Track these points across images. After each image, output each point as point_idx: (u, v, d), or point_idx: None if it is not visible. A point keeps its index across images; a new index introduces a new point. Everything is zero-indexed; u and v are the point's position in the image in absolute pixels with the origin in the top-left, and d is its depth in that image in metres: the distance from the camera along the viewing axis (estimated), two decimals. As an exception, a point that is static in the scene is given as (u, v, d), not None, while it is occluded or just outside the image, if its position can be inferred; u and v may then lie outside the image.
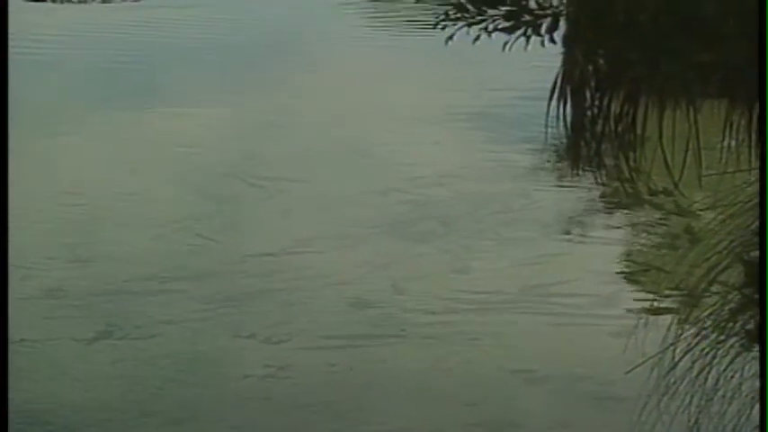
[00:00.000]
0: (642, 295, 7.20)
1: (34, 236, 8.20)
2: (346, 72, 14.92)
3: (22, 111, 12.16)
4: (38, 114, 11.95)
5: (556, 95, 4.02)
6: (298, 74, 14.77)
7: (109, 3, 20.07)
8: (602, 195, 8.90)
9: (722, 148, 4.25)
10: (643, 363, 4.97)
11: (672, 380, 4.68)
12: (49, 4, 19.64)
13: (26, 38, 16.30)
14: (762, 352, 3.44)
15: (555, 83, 4.00)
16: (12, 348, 6.23)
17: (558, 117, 4.15)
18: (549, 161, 10.08)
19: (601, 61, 3.75)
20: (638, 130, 4.11)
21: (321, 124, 11.78)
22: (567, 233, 8.52)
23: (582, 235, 8.54)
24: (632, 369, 5.12)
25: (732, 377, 4.53)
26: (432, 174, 9.84)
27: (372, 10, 21.13)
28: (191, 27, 17.98)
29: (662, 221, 8.47)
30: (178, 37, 17.01)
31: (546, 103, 4.10)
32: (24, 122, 11.62)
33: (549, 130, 4.32)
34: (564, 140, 4.54)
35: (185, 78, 14.27)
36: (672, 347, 4.71)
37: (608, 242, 8.31)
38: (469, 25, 3.45)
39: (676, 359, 4.66)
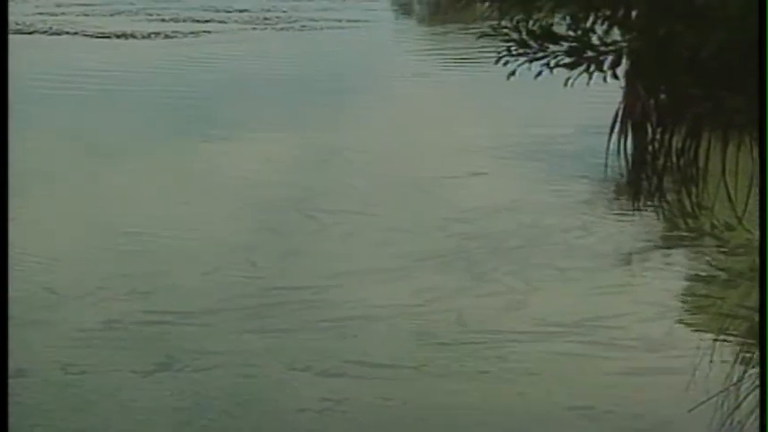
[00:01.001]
0: (704, 332, 7.09)
1: (92, 268, 8.27)
2: (404, 106, 14.97)
3: (81, 143, 12.35)
4: (97, 147, 12.12)
5: (617, 129, 3.98)
6: (354, 108, 14.85)
7: (172, 38, 20.35)
8: (663, 230, 8.80)
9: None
10: (707, 401, 4.87)
11: (737, 419, 4.58)
12: (114, 40, 19.96)
13: (91, 73, 16.60)
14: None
15: (615, 117, 3.96)
16: (70, 380, 6.28)
17: (618, 151, 4.11)
18: (608, 194, 10.00)
19: (662, 96, 3.71)
20: (701, 165, 4.06)
21: (378, 157, 11.81)
22: (628, 267, 8.43)
23: (642, 269, 8.44)
24: (696, 407, 5.02)
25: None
26: (490, 206, 9.80)
27: (430, 45, 21.20)
28: (248, 62, 18.18)
29: (725, 257, 8.35)
30: (236, 71, 17.20)
31: (605, 136, 4.07)
32: (84, 154, 11.79)
33: (610, 163, 4.28)
34: (624, 174, 4.49)
35: (243, 112, 14.40)
36: (736, 386, 4.61)
37: (668, 276, 8.21)
38: (531, 61, 3.43)
39: (741, 398, 4.57)
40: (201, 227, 9.31)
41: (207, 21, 22.53)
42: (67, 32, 20.35)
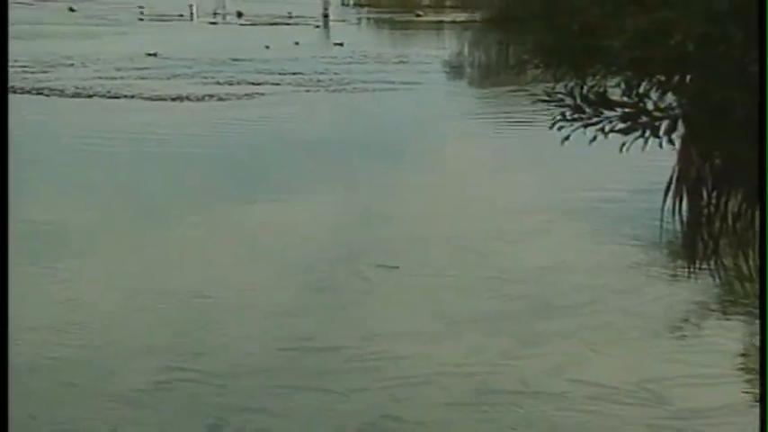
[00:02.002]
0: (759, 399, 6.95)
1: (142, 328, 8.31)
2: (456, 167, 15.00)
3: (135, 202, 12.51)
4: (150, 206, 12.26)
5: (671, 193, 3.96)
6: (406, 169, 14.90)
7: (226, 101, 20.61)
8: (720, 293, 8.69)
9: None
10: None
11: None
12: (170, 103, 20.26)
13: (146, 134, 16.85)
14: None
15: (670, 180, 3.95)
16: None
17: (673, 213, 4.09)
18: (663, 257, 9.90)
19: (717, 161, 3.70)
20: (758, 229, 4.02)
21: (430, 218, 11.81)
22: (682, 330, 8.32)
23: (697, 333, 8.33)
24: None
25: None
26: (543, 266, 9.75)
27: (482, 107, 21.27)
28: (301, 124, 18.34)
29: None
30: (288, 133, 17.35)
31: (660, 198, 4.05)
32: (137, 213, 11.93)
33: (664, 226, 4.25)
34: (679, 237, 4.46)
35: (294, 173, 14.51)
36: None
37: (724, 341, 8.08)
38: (586, 126, 3.44)
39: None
40: (251, 287, 9.35)
41: (261, 83, 22.79)
42: (125, 96, 20.70)
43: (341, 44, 32.45)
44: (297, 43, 32.13)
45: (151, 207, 12.22)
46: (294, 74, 24.63)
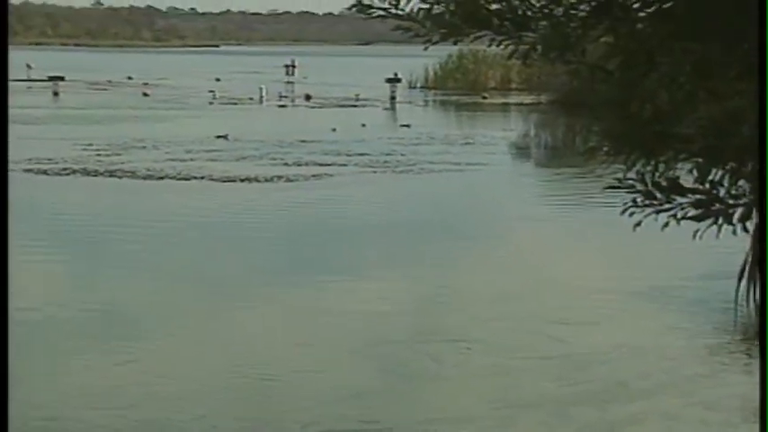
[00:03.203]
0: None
1: (210, 407, 8.32)
2: (523, 249, 14.94)
3: (204, 282, 12.62)
4: (219, 286, 12.35)
5: (745, 277, 3.91)
6: (473, 250, 14.88)
7: (293, 181, 20.84)
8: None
9: None
10: None
11: None
12: (239, 183, 20.54)
13: (216, 215, 17.07)
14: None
15: (744, 265, 3.89)
16: None
17: (747, 299, 4.02)
18: (736, 342, 9.71)
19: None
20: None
21: (496, 300, 11.75)
22: (757, 423, 8.10)
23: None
24: None
25: None
26: (612, 351, 9.61)
27: (549, 189, 21.23)
28: (367, 204, 18.45)
29: None
30: (355, 213, 17.46)
31: (733, 283, 3.99)
32: (206, 293, 12.03)
33: (739, 310, 4.18)
34: (753, 322, 4.38)
35: (362, 253, 14.56)
36: None
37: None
38: (658, 212, 3.41)
39: None
40: (319, 367, 9.33)
41: (328, 164, 23.04)
42: (195, 177, 21.04)
43: (408, 126, 32.71)
44: (364, 125, 32.47)
45: (219, 288, 12.31)
46: (361, 155, 24.85)
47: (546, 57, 3.50)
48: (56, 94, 45.93)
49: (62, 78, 49.07)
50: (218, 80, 57.47)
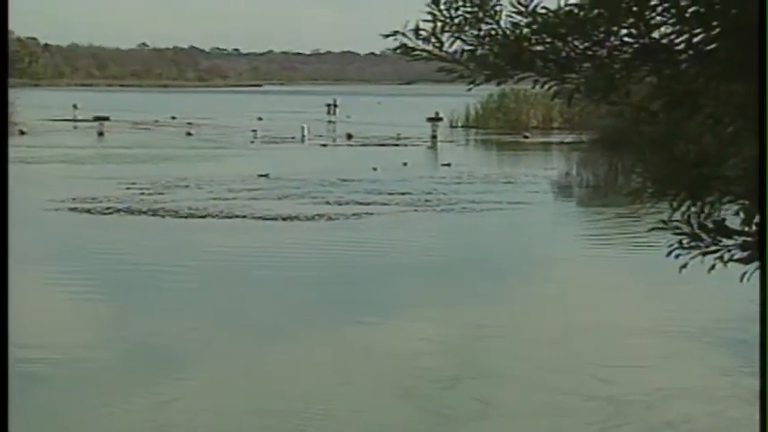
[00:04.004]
0: None
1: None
2: (565, 289, 14.84)
3: (244, 322, 12.65)
4: (259, 326, 12.38)
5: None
6: (515, 290, 14.81)
7: (334, 220, 20.90)
8: None
9: None
10: None
11: None
12: (280, 222, 20.62)
13: (257, 254, 17.13)
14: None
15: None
16: None
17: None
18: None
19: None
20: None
21: (538, 340, 11.66)
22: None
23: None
24: None
25: None
26: (660, 391, 9.50)
27: (591, 228, 21.12)
28: (409, 243, 18.44)
29: None
30: (397, 252, 17.45)
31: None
32: (246, 333, 12.05)
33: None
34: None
35: (404, 293, 14.53)
36: None
37: None
38: (704, 254, 3.38)
39: None
40: (361, 407, 9.30)
41: (369, 203, 23.09)
42: (237, 216, 21.17)
43: (449, 165, 32.75)
44: (405, 164, 32.55)
45: (261, 327, 12.33)
46: (402, 194, 24.89)
47: (590, 98, 3.50)
48: (101, 134, 46.49)
49: (107, 118, 49.71)
50: (260, 119, 57.91)
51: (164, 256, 17.00)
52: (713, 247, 3.34)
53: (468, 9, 3.53)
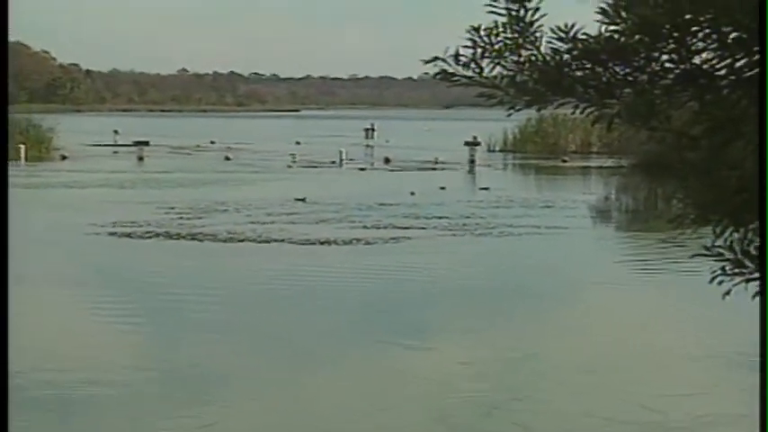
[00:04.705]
0: None
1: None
2: (603, 314, 14.75)
3: (283, 345, 12.66)
4: (298, 350, 12.38)
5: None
6: (553, 315, 14.72)
7: (372, 244, 20.93)
8: None
9: None
10: None
11: None
12: (318, 246, 20.66)
13: (295, 278, 17.16)
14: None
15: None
16: None
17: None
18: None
19: None
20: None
21: (576, 366, 11.58)
22: None
23: None
24: None
25: None
26: (705, 420, 9.40)
27: (630, 253, 20.97)
28: (446, 267, 18.41)
29: None
30: (434, 277, 17.43)
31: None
32: (285, 357, 12.06)
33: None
34: None
35: (440, 317, 14.50)
36: None
37: None
38: (747, 281, 3.35)
39: None
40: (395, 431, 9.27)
41: (407, 227, 23.10)
42: (275, 240, 21.24)
43: (487, 189, 32.71)
44: (443, 188, 32.55)
45: (298, 351, 12.33)
46: (440, 218, 24.88)
47: (630, 123, 3.49)
48: (140, 158, 46.91)
49: (147, 143, 50.18)
50: (298, 143, 58.21)
51: (202, 279, 17.07)
52: (757, 274, 3.31)
53: (509, 35, 3.53)
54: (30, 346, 11.64)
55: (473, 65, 3.59)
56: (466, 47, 3.61)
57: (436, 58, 3.62)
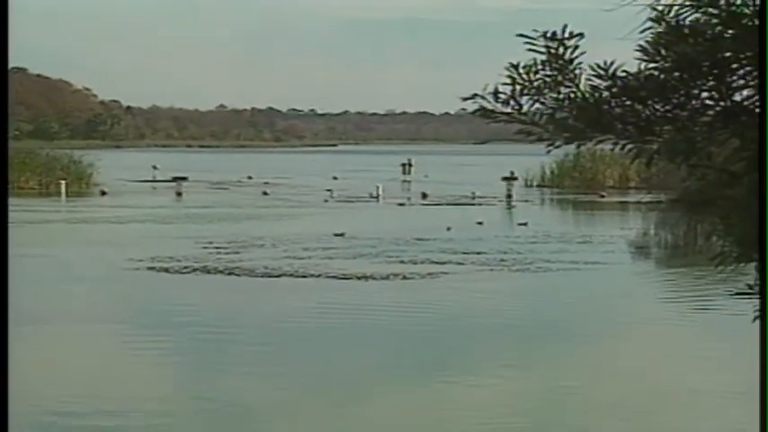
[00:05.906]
0: None
1: None
2: (643, 351, 14.62)
3: (324, 378, 12.65)
4: (338, 383, 12.37)
5: None
6: (591, 351, 14.61)
7: (409, 279, 20.93)
8: None
9: None
10: None
11: None
12: (354, 281, 20.69)
13: (333, 313, 17.18)
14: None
15: None
16: None
17: None
18: None
19: None
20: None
21: (616, 402, 11.47)
22: None
23: None
24: None
25: None
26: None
27: (670, 289, 20.79)
28: (483, 303, 18.34)
29: None
30: (471, 312, 17.37)
31: None
32: (326, 389, 12.05)
33: None
34: None
35: (477, 352, 14.43)
36: None
37: None
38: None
39: None
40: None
41: (444, 263, 23.06)
42: (312, 275, 21.28)
43: (524, 224, 32.61)
44: (480, 223, 32.49)
45: (337, 386, 12.32)
46: (477, 253, 24.81)
47: (671, 160, 3.48)
48: (179, 194, 47.21)
49: (185, 179, 50.53)
50: (335, 178, 58.41)
51: (240, 314, 17.12)
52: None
53: (548, 73, 3.54)
54: (70, 384, 11.69)
55: (512, 102, 3.59)
56: (505, 84, 3.62)
57: (475, 95, 3.62)
